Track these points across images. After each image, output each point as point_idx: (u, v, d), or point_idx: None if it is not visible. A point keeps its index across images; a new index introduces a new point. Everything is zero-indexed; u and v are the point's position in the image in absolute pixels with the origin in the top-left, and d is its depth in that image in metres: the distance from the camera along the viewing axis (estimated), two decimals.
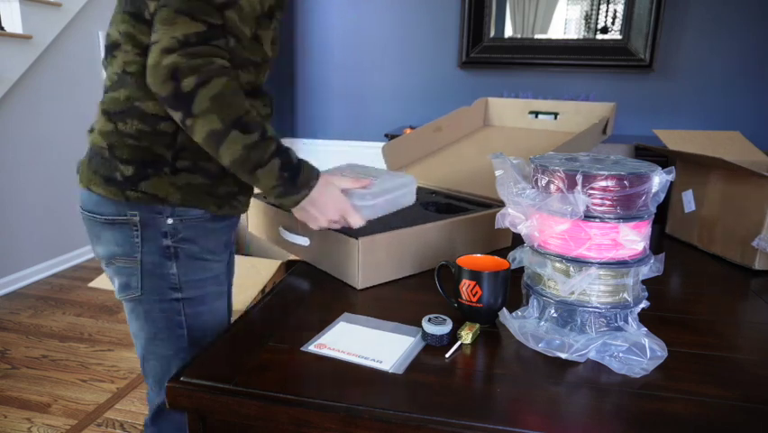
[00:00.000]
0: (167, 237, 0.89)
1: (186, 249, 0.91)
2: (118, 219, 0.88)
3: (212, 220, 0.93)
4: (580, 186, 0.71)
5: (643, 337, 0.74)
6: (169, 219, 0.88)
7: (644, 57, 3.08)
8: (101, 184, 0.87)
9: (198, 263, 0.93)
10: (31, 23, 2.77)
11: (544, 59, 3.26)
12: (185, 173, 0.87)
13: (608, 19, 3.11)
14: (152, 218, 0.88)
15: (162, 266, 0.90)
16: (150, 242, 0.89)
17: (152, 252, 0.89)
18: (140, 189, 0.86)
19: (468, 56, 3.36)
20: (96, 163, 0.88)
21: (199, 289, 0.94)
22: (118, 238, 0.89)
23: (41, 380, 2.03)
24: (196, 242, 0.92)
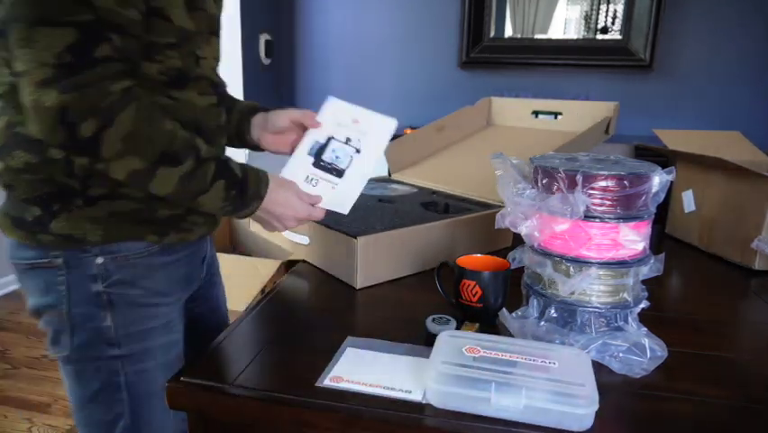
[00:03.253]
0: (96, 281, 0.73)
1: (122, 294, 0.74)
2: (40, 263, 0.73)
3: (158, 253, 0.76)
4: (580, 186, 0.71)
5: (643, 337, 0.74)
6: (99, 258, 0.72)
7: (644, 57, 3.08)
8: (11, 228, 0.73)
9: (141, 311, 0.76)
10: None
11: (544, 59, 3.26)
12: (104, 202, 0.71)
13: (608, 19, 3.11)
14: (78, 259, 0.72)
15: (94, 318, 0.73)
16: (77, 288, 0.73)
17: (81, 301, 0.73)
18: (51, 231, 0.71)
19: (468, 56, 3.36)
20: (7, 205, 0.74)
21: (144, 341, 0.77)
22: (41, 286, 0.74)
23: (41, 380, 2.03)
24: (136, 284, 0.75)
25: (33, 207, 0.71)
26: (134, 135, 0.64)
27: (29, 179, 0.70)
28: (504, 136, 1.63)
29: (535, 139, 1.54)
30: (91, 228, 0.71)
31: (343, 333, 0.80)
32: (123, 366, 0.76)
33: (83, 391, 0.77)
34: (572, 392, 0.59)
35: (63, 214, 0.71)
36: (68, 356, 0.75)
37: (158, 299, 0.77)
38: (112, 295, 0.74)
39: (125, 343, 0.75)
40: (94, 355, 0.75)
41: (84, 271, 0.72)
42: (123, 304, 0.74)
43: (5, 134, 0.70)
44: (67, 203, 0.71)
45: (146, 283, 0.76)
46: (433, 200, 1.29)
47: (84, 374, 0.76)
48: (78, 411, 0.79)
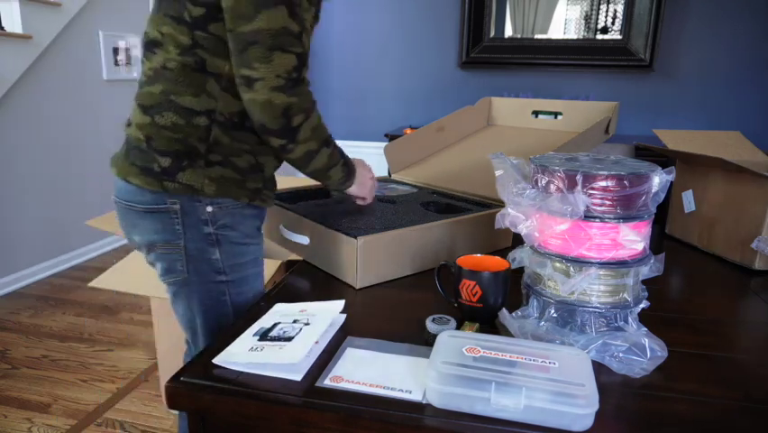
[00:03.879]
0: (208, 225, 0.94)
1: (226, 235, 0.96)
2: (158, 208, 0.91)
3: (247, 207, 0.98)
4: (580, 186, 0.71)
5: (643, 337, 0.74)
6: (209, 207, 0.93)
7: (644, 57, 3.08)
8: (138, 175, 0.90)
9: (239, 248, 0.98)
10: (31, 22, 2.77)
11: (544, 59, 3.26)
12: (218, 167, 0.92)
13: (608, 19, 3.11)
14: (192, 206, 0.92)
15: (206, 252, 0.95)
16: (192, 229, 0.93)
17: (195, 238, 0.93)
18: (177, 180, 0.90)
19: (468, 56, 3.36)
20: (134, 155, 0.91)
21: (241, 271, 0.99)
22: (158, 226, 0.92)
23: (41, 380, 2.03)
24: (235, 228, 0.96)
25: (165, 158, 0.90)
26: (317, 127, 0.92)
27: (169, 137, 0.89)
28: (504, 136, 1.63)
29: (535, 139, 1.54)
30: (207, 183, 0.91)
31: (343, 333, 0.80)
32: (228, 289, 0.99)
33: (198, 306, 0.99)
34: (572, 392, 0.59)
35: (189, 169, 0.90)
36: (186, 279, 0.96)
37: (248, 240, 1.00)
38: (219, 236, 0.95)
39: (230, 272, 0.98)
40: (206, 279, 0.97)
41: (197, 216, 0.93)
42: (227, 243, 0.96)
43: (160, 98, 0.89)
44: (193, 161, 0.90)
45: (241, 228, 0.98)
46: (433, 200, 1.29)
47: (199, 294, 0.98)
48: (190, 328, 1.02)
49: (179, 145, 0.90)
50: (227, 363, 0.70)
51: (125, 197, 0.94)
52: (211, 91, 0.89)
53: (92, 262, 3.27)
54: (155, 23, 0.90)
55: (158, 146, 0.90)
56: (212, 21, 0.85)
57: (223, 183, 0.92)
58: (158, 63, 0.90)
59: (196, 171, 0.90)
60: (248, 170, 0.95)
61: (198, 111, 0.89)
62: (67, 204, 3.14)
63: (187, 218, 0.92)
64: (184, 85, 0.88)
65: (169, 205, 0.91)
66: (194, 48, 0.87)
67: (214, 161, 0.92)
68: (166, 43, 0.89)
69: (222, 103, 0.90)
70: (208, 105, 0.89)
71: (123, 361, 2.17)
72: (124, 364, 2.15)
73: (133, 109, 0.94)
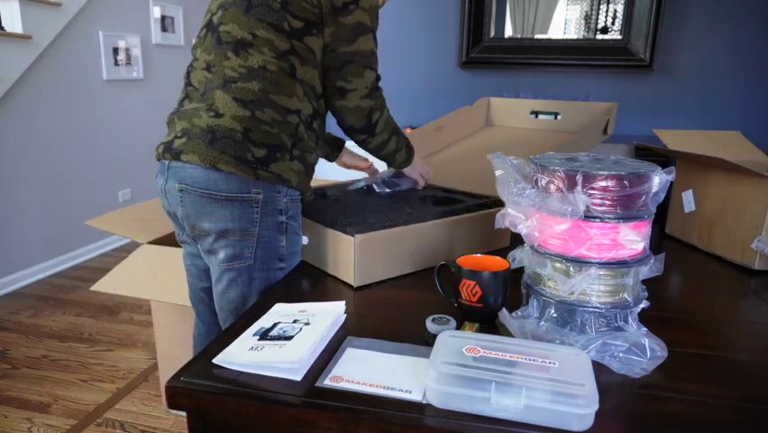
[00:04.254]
0: (282, 214, 1.02)
1: (292, 225, 1.04)
2: (241, 196, 0.97)
3: (301, 202, 1.07)
4: (580, 186, 0.71)
5: (643, 337, 0.74)
6: (284, 198, 1.01)
7: (644, 57, 3.08)
8: (232, 163, 0.96)
9: (296, 238, 1.07)
10: (31, 22, 2.77)
11: (544, 59, 3.26)
12: (297, 161, 1.02)
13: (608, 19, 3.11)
14: (273, 197, 1.00)
15: (275, 239, 1.02)
16: (268, 217, 1.00)
17: (269, 227, 1.01)
18: (269, 170, 0.98)
19: (468, 56, 3.36)
20: (225, 144, 0.97)
21: (293, 259, 1.07)
22: (236, 214, 0.98)
23: (41, 380, 2.03)
24: (297, 219, 1.06)
25: (260, 149, 0.97)
26: (388, 120, 1.14)
27: (266, 131, 0.98)
28: (503, 136, 1.63)
29: (535, 139, 1.54)
30: (292, 175, 1.01)
31: (343, 333, 0.80)
32: (282, 276, 1.05)
33: (251, 293, 1.03)
34: (572, 392, 0.59)
35: (279, 161, 0.99)
36: (250, 265, 1.01)
37: (300, 230, 1.08)
38: (288, 225, 1.03)
39: (288, 259, 1.05)
40: (269, 266, 1.03)
41: (275, 206, 1.01)
42: (291, 232, 1.04)
43: (259, 95, 0.98)
44: (282, 154, 1.00)
45: (299, 219, 1.07)
46: (429, 194, 1.29)
47: (257, 280, 1.03)
48: (237, 310, 1.05)
49: (274, 139, 0.98)
50: (227, 363, 0.70)
51: (204, 185, 0.97)
52: (299, 94, 1.00)
53: (92, 262, 3.27)
54: (244, 24, 0.98)
55: (255, 138, 0.97)
56: (307, 34, 0.99)
57: (301, 176, 1.03)
58: (255, 63, 0.98)
59: (285, 163, 1.00)
60: (311, 166, 1.07)
61: (292, 110, 1.00)
62: (67, 204, 3.14)
63: (266, 207, 0.99)
64: (280, 86, 0.98)
65: (253, 194, 0.98)
66: (289, 54, 0.98)
67: (296, 156, 1.02)
68: (259, 45, 0.98)
69: (304, 105, 1.01)
70: (297, 105, 1.00)
71: (123, 361, 2.17)
72: (124, 364, 2.15)
73: (225, 101, 0.98)
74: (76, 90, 3.13)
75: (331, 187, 1.39)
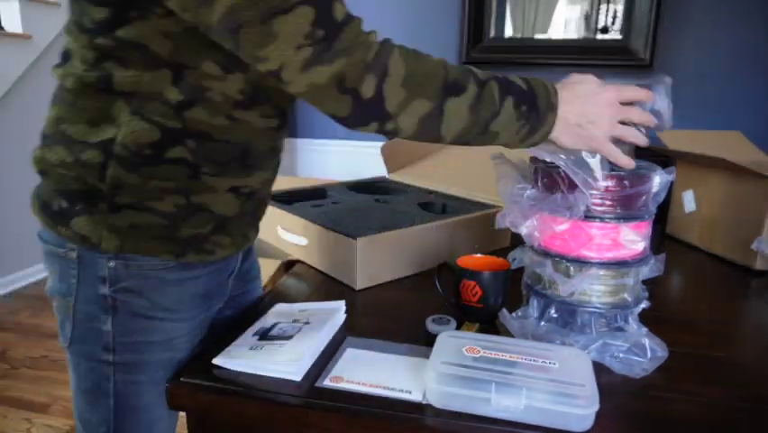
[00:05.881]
0: (104, 284, 0.70)
1: (127, 302, 0.71)
2: (56, 251, 0.72)
3: (175, 269, 0.72)
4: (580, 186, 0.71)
5: (643, 338, 0.74)
6: (111, 261, 0.70)
7: (644, 57, 3.07)
8: (38, 211, 0.73)
9: (141, 322, 0.72)
10: (31, 22, 2.77)
11: (544, 59, 3.25)
12: (130, 211, 0.68)
13: (608, 19, 3.11)
14: (91, 257, 0.70)
15: (95, 319, 0.71)
16: (85, 286, 0.71)
17: (87, 299, 0.71)
18: (70, 227, 0.69)
19: (468, 56, 3.36)
20: (38, 188, 0.74)
21: (139, 354, 0.73)
22: (58, 273, 0.73)
23: (40, 380, 2.03)
24: (144, 295, 0.71)
25: (60, 199, 0.70)
26: (412, 76, 0.63)
27: (61, 174, 0.69)
28: None
29: None
30: (107, 236, 0.68)
31: (343, 333, 0.80)
32: (114, 373, 0.73)
33: (78, 383, 0.77)
34: (573, 393, 0.59)
35: (83, 216, 0.68)
36: (68, 347, 0.75)
37: (163, 314, 0.73)
38: (116, 301, 0.71)
39: (120, 351, 0.72)
40: (89, 354, 0.73)
41: (95, 271, 0.70)
42: (126, 312, 0.71)
43: (53, 127, 0.70)
44: (91, 205, 0.68)
45: (154, 296, 0.72)
46: (430, 200, 1.29)
47: (79, 368, 0.75)
48: (74, 398, 0.79)
49: (73, 184, 0.68)
50: (227, 363, 0.70)
51: (39, 231, 0.75)
52: (117, 117, 0.65)
53: None
54: (66, 30, 0.70)
55: (52, 184, 0.70)
56: (120, 23, 0.62)
57: (132, 235, 0.68)
58: (58, 80, 0.71)
59: (93, 219, 0.68)
60: (178, 215, 0.70)
61: (91, 143, 0.66)
62: None
63: (83, 271, 0.70)
64: (78, 110, 0.67)
65: (67, 250, 0.70)
66: (101, 61, 0.65)
67: (123, 204, 0.68)
68: (73, 57, 0.68)
69: (128, 130, 0.65)
70: (106, 134, 0.66)
71: None
72: None
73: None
74: None
75: (331, 187, 1.39)
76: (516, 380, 0.60)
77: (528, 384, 0.60)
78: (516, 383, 0.60)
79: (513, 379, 0.60)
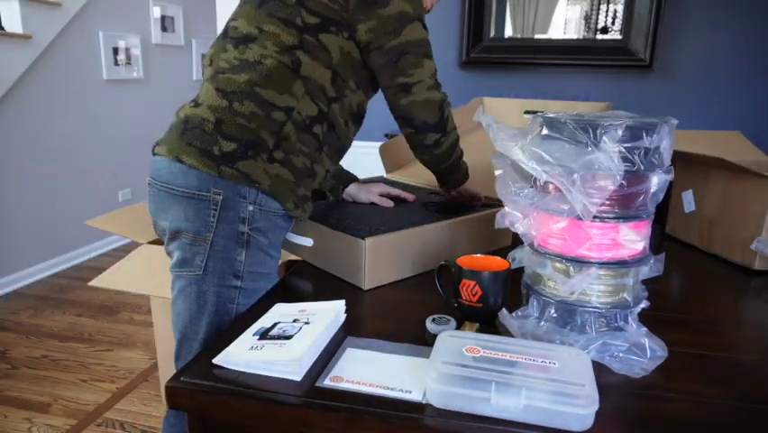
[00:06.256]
0: (244, 223, 0.91)
1: (257, 239, 0.93)
2: (199, 194, 0.88)
3: (282, 218, 0.96)
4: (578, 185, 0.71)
5: (643, 337, 0.74)
6: (251, 206, 0.90)
7: (644, 57, 3.08)
8: (195, 155, 0.88)
9: (263, 257, 0.95)
10: (31, 22, 2.77)
11: (544, 59, 3.26)
12: (278, 164, 0.92)
13: (608, 19, 3.11)
14: (235, 201, 0.89)
15: (232, 251, 0.91)
16: (226, 224, 0.89)
17: (226, 235, 0.90)
18: (235, 167, 0.88)
19: (468, 56, 3.36)
20: (193, 135, 0.90)
21: (257, 282, 0.94)
22: (191, 214, 0.89)
23: (41, 380, 2.03)
24: (267, 234, 0.94)
25: (230, 143, 0.89)
26: (451, 116, 1.06)
27: (241, 124, 0.89)
28: None
29: None
30: (264, 177, 0.90)
31: (343, 333, 0.80)
32: (239, 297, 0.93)
33: (198, 309, 0.93)
34: (572, 392, 0.59)
35: (251, 160, 0.89)
36: (198, 276, 0.91)
37: (273, 252, 0.97)
38: (251, 237, 0.92)
39: (247, 278, 0.93)
40: (221, 281, 0.91)
41: (236, 212, 0.90)
42: (255, 247, 0.93)
43: (243, 87, 0.90)
44: (257, 153, 0.90)
45: (272, 236, 0.95)
46: (432, 200, 1.29)
47: (206, 295, 0.92)
48: (186, 326, 0.95)
49: (249, 134, 0.89)
50: (227, 362, 0.70)
51: (165, 178, 0.91)
52: (295, 92, 0.92)
53: (92, 262, 3.27)
54: (253, 19, 0.94)
55: (227, 130, 0.89)
56: (324, 31, 0.93)
57: (277, 181, 0.92)
58: (251, 56, 0.92)
59: (257, 163, 0.89)
60: (302, 173, 0.96)
61: (279, 106, 0.91)
62: (67, 204, 3.14)
63: (224, 212, 0.89)
64: (272, 80, 0.91)
65: (212, 194, 0.88)
66: (295, 49, 0.91)
67: (277, 159, 0.92)
68: (263, 39, 0.92)
69: (302, 104, 0.93)
70: (289, 102, 0.92)
71: (123, 361, 2.17)
72: (124, 364, 2.15)
73: (206, 91, 0.93)
74: (76, 90, 3.13)
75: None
76: (515, 379, 0.60)
77: (528, 384, 0.60)
78: (515, 383, 0.60)
79: (513, 379, 0.60)
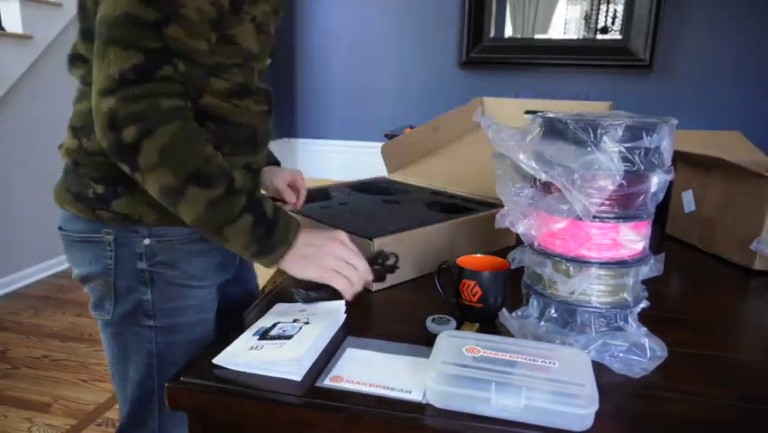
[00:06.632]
0: (142, 260, 0.81)
1: (163, 274, 0.83)
2: (92, 237, 0.82)
3: (198, 241, 0.84)
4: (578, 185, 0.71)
5: (643, 337, 0.74)
6: (146, 240, 0.81)
7: (643, 57, 3.08)
8: (72, 202, 0.82)
9: (177, 290, 0.84)
10: (31, 22, 2.77)
11: (544, 59, 3.26)
12: None
13: (608, 19, 3.11)
14: (127, 238, 0.81)
15: (136, 291, 0.83)
16: (124, 263, 0.82)
17: (126, 275, 0.82)
18: (111, 209, 0.79)
19: (468, 56, 3.36)
20: (69, 180, 0.84)
21: (176, 317, 0.85)
22: (91, 257, 0.83)
23: (41, 380, 2.03)
24: (176, 266, 0.83)
25: (98, 184, 0.79)
26: (171, 149, 0.68)
27: (99, 161, 0.78)
28: None
29: None
30: (147, 211, 0.79)
31: (343, 333, 0.80)
32: (155, 336, 0.84)
33: (119, 351, 0.87)
34: (572, 392, 0.59)
35: (125, 196, 0.79)
36: (109, 320, 0.85)
37: (193, 282, 0.86)
38: (153, 273, 0.82)
39: (160, 316, 0.84)
40: (132, 322, 0.84)
41: (132, 249, 0.81)
42: (162, 282, 0.83)
43: (88, 119, 0.74)
44: (129, 186, 0.77)
45: (184, 267, 0.84)
46: (436, 200, 1.29)
47: (122, 336, 0.85)
48: (113, 366, 0.89)
49: (113, 170, 0.74)
50: (227, 362, 0.70)
51: (63, 225, 0.86)
52: None
53: None
54: (76, 33, 0.81)
55: (88, 172, 0.80)
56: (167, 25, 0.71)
57: (165, 209, 0.74)
58: (79, 78, 0.81)
59: (133, 198, 0.78)
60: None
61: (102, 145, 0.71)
62: None
63: (120, 251, 0.81)
64: None
65: (103, 235, 0.81)
66: None
67: None
68: (83, 54, 0.79)
69: None
70: None
71: None
72: None
73: (66, 129, 0.84)
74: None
75: (334, 188, 1.39)
76: (515, 379, 0.60)
77: (528, 384, 0.60)
78: (515, 383, 0.60)
79: (513, 379, 0.60)
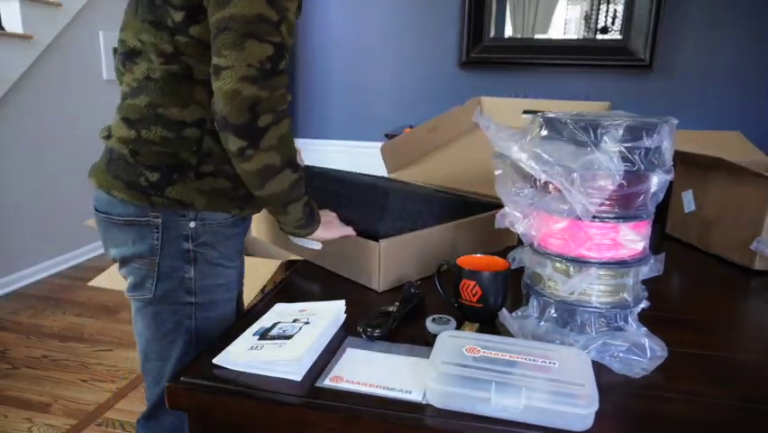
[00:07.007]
0: (188, 241, 0.89)
1: (205, 254, 0.91)
2: (138, 221, 0.87)
3: (231, 225, 0.93)
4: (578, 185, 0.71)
5: (643, 337, 0.74)
6: (192, 223, 0.88)
7: (643, 57, 3.08)
8: (123, 189, 0.86)
9: (214, 269, 0.93)
10: (31, 23, 2.77)
11: (544, 59, 3.25)
12: (209, 178, 0.87)
13: (608, 19, 3.11)
14: (175, 221, 0.87)
15: (180, 270, 0.90)
16: (170, 244, 0.88)
17: (172, 255, 0.89)
18: (165, 195, 0.85)
19: (468, 56, 3.36)
20: (117, 168, 0.87)
21: (212, 294, 0.93)
22: (136, 239, 0.88)
23: (41, 380, 2.03)
24: (215, 247, 0.92)
25: (153, 173, 0.85)
26: (285, 138, 0.81)
27: (157, 151, 0.85)
28: None
29: None
30: (198, 197, 0.87)
31: (343, 333, 0.80)
32: (195, 312, 0.92)
33: (160, 329, 0.92)
34: (572, 392, 0.59)
35: (179, 183, 0.86)
36: (150, 299, 0.90)
37: (226, 262, 0.95)
38: (197, 253, 0.90)
39: (200, 293, 0.92)
40: (173, 300, 0.91)
41: (179, 232, 0.88)
42: (203, 261, 0.91)
43: (146, 111, 0.84)
44: (183, 175, 0.86)
45: (221, 248, 0.93)
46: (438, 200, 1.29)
47: (161, 315, 0.91)
48: (150, 346, 0.95)
49: (169, 159, 0.85)
50: (227, 362, 0.71)
51: (104, 208, 0.90)
52: (200, 100, 0.84)
53: (92, 262, 3.27)
54: (133, 30, 0.85)
55: (145, 161, 0.85)
56: (193, 23, 0.80)
57: (213, 196, 0.88)
58: (141, 74, 0.85)
59: (186, 185, 0.86)
60: (238, 176, 0.88)
61: (189, 122, 0.84)
62: (67, 204, 3.14)
63: (167, 233, 0.88)
64: (170, 96, 0.84)
65: (151, 218, 0.87)
66: (178, 55, 0.82)
67: (205, 173, 0.87)
68: (147, 52, 0.84)
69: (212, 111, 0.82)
70: (198, 114, 0.85)
71: (123, 361, 2.17)
72: (124, 364, 2.15)
73: (116, 122, 0.89)
74: (76, 90, 3.13)
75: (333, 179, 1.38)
76: (515, 379, 0.60)
77: (528, 384, 0.60)
78: (515, 383, 0.60)
79: (513, 379, 0.60)
